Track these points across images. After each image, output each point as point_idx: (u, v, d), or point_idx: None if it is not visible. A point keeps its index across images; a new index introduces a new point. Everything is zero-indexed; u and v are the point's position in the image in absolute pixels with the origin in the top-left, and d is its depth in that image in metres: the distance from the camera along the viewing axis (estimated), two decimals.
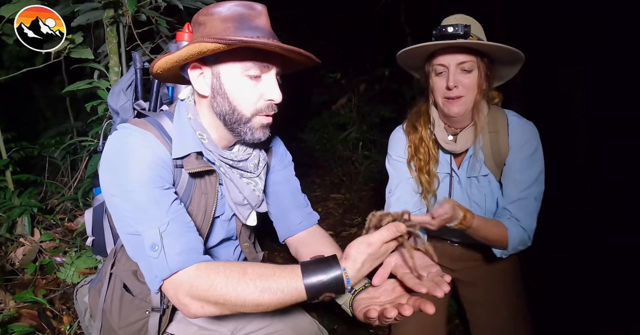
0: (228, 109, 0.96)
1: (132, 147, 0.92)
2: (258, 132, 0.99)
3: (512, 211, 1.26)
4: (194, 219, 1.01)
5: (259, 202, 1.11)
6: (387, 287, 0.94)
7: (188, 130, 1.00)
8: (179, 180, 1.00)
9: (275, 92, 0.96)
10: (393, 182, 1.44)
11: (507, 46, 1.17)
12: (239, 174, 1.07)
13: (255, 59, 0.93)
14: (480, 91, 1.24)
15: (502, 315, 1.43)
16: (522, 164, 1.26)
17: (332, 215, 3.43)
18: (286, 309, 1.26)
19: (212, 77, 0.96)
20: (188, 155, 0.97)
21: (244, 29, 0.90)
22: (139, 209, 0.88)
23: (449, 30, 1.19)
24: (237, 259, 1.25)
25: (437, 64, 1.24)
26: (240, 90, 0.95)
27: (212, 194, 1.04)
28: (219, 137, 1.03)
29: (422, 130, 1.37)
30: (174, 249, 0.86)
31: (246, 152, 1.08)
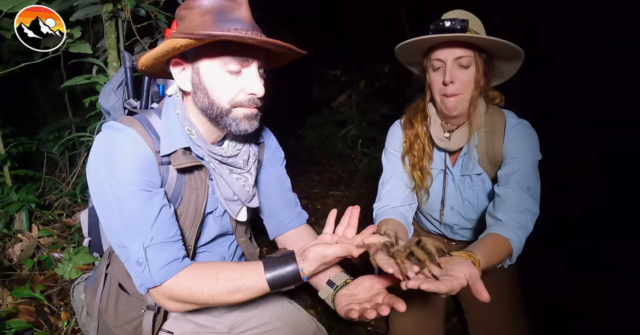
0: (207, 104, 0.95)
1: (117, 152, 0.92)
2: (243, 123, 0.97)
3: (504, 198, 1.18)
4: (185, 215, 1.03)
5: (249, 198, 1.09)
6: (365, 284, 1.01)
7: (176, 126, 0.99)
8: (167, 177, 0.99)
9: (256, 86, 0.95)
10: (386, 175, 1.43)
11: (505, 41, 1.15)
12: (228, 169, 1.06)
13: (233, 53, 0.91)
14: (478, 88, 1.24)
15: (499, 314, 1.43)
16: (515, 155, 1.24)
17: None
18: (285, 307, 1.26)
19: (192, 72, 0.95)
20: (175, 151, 0.97)
21: (223, 21, 0.88)
22: (124, 222, 0.91)
23: (447, 25, 1.18)
24: (232, 254, 1.24)
25: (435, 59, 1.24)
26: (218, 85, 0.94)
27: (203, 190, 1.04)
28: (206, 131, 1.02)
29: (419, 126, 1.37)
30: (157, 264, 0.91)
31: (236, 147, 1.07)
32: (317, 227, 3.04)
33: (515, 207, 1.16)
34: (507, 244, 1.11)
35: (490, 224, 1.18)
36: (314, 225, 3.07)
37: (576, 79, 4.22)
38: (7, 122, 2.35)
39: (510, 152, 1.25)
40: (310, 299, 2.18)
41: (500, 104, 1.36)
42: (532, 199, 1.19)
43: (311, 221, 3.15)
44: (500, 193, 1.21)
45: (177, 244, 0.96)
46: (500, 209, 1.17)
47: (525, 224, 1.15)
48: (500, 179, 1.25)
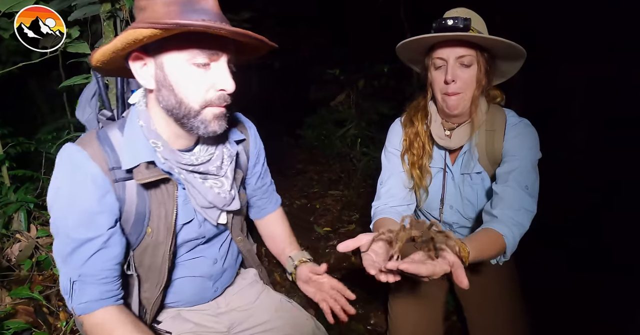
0: (174, 103, 0.88)
1: (68, 184, 0.90)
2: (212, 124, 0.92)
3: (502, 195, 1.18)
4: (157, 232, 0.99)
5: (227, 202, 1.05)
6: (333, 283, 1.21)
7: (140, 139, 0.94)
8: (125, 195, 0.94)
9: (227, 81, 0.89)
10: (385, 174, 1.44)
11: (507, 40, 1.15)
12: (201, 177, 1.00)
13: (201, 46, 0.85)
14: (479, 87, 1.23)
15: (498, 313, 1.43)
16: (515, 154, 1.24)
17: (330, 211, 3.42)
18: (284, 306, 1.26)
19: (155, 67, 0.88)
20: (137, 165, 0.92)
21: (189, 12, 0.82)
22: (60, 254, 0.93)
23: (449, 23, 1.17)
24: (224, 255, 1.22)
25: (436, 58, 1.23)
26: (186, 81, 0.87)
27: (171, 203, 0.99)
28: (174, 137, 0.97)
29: (419, 125, 1.37)
30: (79, 298, 0.92)
31: (208, 152, 1.02)
32: (316, 227, 3.04)
33: (512, 204, 1.16)
34: (500, 239, 1.10)
35: (486, 220, 1.18)
36: (313, 225, 3.07)
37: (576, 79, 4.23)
38: (6, 122, 2.34)
39: (510, 150, 1.25)
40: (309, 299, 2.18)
41: (501, 103, 1.36)
42: (530, 197, 1.19)
43: (310, 221, 3.16)
44: (498, 191, 1.20)
45: (106, 286, 0.94)
46: (497, 207, 1.17)
47: (521, 221, 1.14)
48: (499, 177, 1.25)
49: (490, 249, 1.10)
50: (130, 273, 1.02)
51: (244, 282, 1.33)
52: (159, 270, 1.03)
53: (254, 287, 1.32)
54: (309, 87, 5.77)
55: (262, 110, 6.32)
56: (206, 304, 1.23)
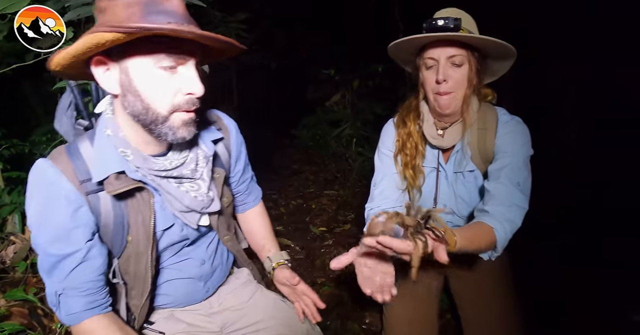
0: (141, 109, 0.85)
1: (40, 201, 0.90)
2: (181, 130, 0.89)
3: (493, 192, 1.19)
4: (137, 241, 0.98)
5: (206, 205, 1.03)
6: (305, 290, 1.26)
7: (108, 149, 0.91)
8: (100, 206, 0.93)
9: (195, 84, 0.86)
10: (378, 176, 1.44)
11: (498, 40, 1.16)
12: (176, 182, 0.98)
13: (168, 50, 0.81)
14: (471, 86, 1.24)
15: (492, 310, 1.44)
16: (507, 150, 1.24)
17: (326, 211, 3.43)
18: (277, 306, 1.27)
19: (119, 72, 0.84)
20: (107, 177, 0.90)
21: (153, 13, 0.78)
22: (42, 268, 0.93)
23: (439, 23, 1.17)
24: (212, 255, 1.21)
25: (428, 58, 1.24)
26: (153, 86, 0.84)
27: (147, 211, 0.97)
28: (144, 143, 0.93)
29: (411, 125, 1.37)
30: (66, 310, 0.94)
31: (181, 155, 0.99)
32: (312, 227, 3.05)
33: (504, 201, 1.16)
34: (490, 232, 1.10)
35: (478, 216, 1.19)
36: (309, 225, 3.08)
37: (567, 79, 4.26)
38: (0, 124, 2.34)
39: (502, 147, 1.26)
40: None
41: (493, 101, 1.36)
42: (522, 194, 1.19)
43: (306, 221, 3.17)
44: (490, 188, 1.21)
45: (91, 297, 0.94)
46: (489, 203, 1.17)
47: (512, 218, 1.14)
48: (491, 174, 1.25)
49: (480, 240, 1.09)
50: (117, 281, 1.02)
51: (237, 282, 1.32)
52: (143, 278, 1.03)
53: (248, 287, 1.32)
54: (306, 88, 5.78)
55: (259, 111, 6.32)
56: (199, 304, 1.23)
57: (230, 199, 1.20)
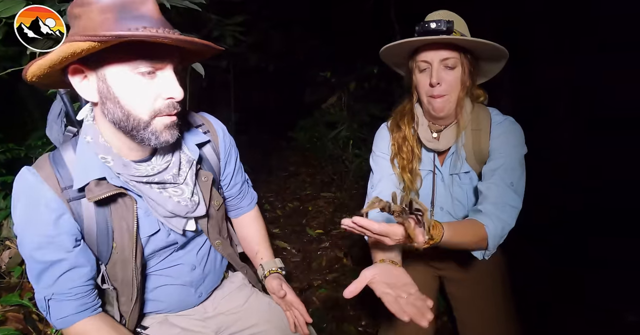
0: (121, 116, 0.85)
1: (24, 208, 0.91)
2: (164, 134, 0.88)
3: (486, 193, 1.20)
4: (122, 247, 0.98)
5: (190, 209, 1.02)
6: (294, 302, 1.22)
7: (89, 156, 0.91)
8: (82, 212, 0.93)
9: (174, 88, 0.85)
10: (375, 178, 1.44)
11: (490, 42, 1.16)
12: (159, 188, 0.97)
13: (145, 55, 0.81)
14: (464, 88, 1.24)
15: (488, 312, 1.44)
16: (501, 151, 1.25)
17: (323, 213, 3.43)
18: (272, 309, 1.27)
19: (97, 80, 0.83)
20: (88, 183, 0.89)
21: (128, 19, 0.77)
22: (30, 274, 0.94)
23: (432, 26, 1.17)
24: (203, 260, 1.20)
25: (421, 61, 1.24)
26: (132, 92, 0.83)
27: (130, 217, 0.96)
28: (127, 149, 0.93)
29: (406, 129, 1.37)
30: (56, 314, 0.95)
31: (164, 160, 0.98)
32: (308, 229, 3.05)
33: (497, 201, 1.17)
34: (481, 229, 1.11)
35: (471, 215, 1.20)
36: (306, 227, 3.08)
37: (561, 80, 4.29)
38: None
39: (496, 148, 1.26)
40: None
41: (485, 102, 1.37)
42: (515, 194, 1.20)
43: (302, 223, 3.17)
44: (483, 188, 1.21)
45: (80, 301, 0.95)
46: (482, 203, 1.18)
47: (504, 217, 1.15)
48: (485, 175, 1.26)
49: (468, 234, 1.10)
50: (106, 287, 1.02)
51: (232, 286, 1.32)
52: (130, 284, 1.02)
53: (243, 291, 1.31)
54: (303, 90, 5.78)
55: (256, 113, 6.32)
56: (193, 308, 1.23)
57: (220, 202, 1.19)
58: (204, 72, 2.10)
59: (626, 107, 3.78)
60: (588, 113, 4.17)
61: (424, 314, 0.86)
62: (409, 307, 0.89)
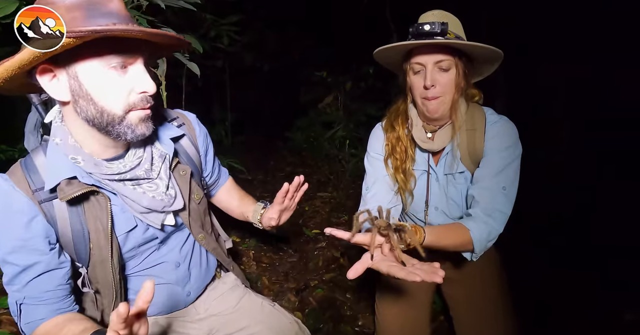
0: (95, 112, 0.85)
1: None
2: (139, 127, 0.90)
3: (477, 198, 1.22)
4: (99, 248, 0.97)
5: (167, 204, 1.02)
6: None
7: (59, 156, 0.91)
8: (55, 214, 0.93)
9: (147, 82, 0.87)
10: (370, 179, 1.44)
11: (485, 45, 1.16)
12: (132, 184, 0.97)
13: (116, 50, 0.82)
14: (458, 90, 1.24)
15: (484, 312, 1.45)
16: (494, 154, 1.25)
17: (319, 213, 3.43)
18: (265, 310, 1.26)
19: (68, 78, 0.83)
20: (59, 183, 0.89)
21: (96, 16, 0.78)
22: (5, 277, 0.93)
23: (426, 29, 1.16)
24: (187, 256, 1.18)
25: (415, 63, 1.23)
26: (105, 88, 0.84)
27: (104, 215, 0.96)
28: (102, 147, 0.94)
29: (400, 129, 1.37)
30: (25, 319, 0.95)
31: (136, 156, 0.98)
32: (305, 229, 3.05)
33: (487, 206, 1.20)
34: (466, 233, 1.15)
35: (461, 220, 1.23)
36: (303, 227, 3.08)
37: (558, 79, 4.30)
38: None
39: (490, 150, 1.26)
40: (297, 301, 2.18)
41: (480, 101, 1.36)
42: (506, 198, 1.21)
43: (299, 223, 3.16)
44: (475, 193, 1.23)
45: (53, 306, 0.95)
46: (473, 207, 1.22)
47: (493, 223, 1.18)
48: (477, 178, 1.27)
49: (451, 237, 1.16)
50: (87, 290, 1.01)
51: (224, 287, 1.31)
52: (110, 284, 1.02)
53: (235, 292, 1.30)
54: (299, 90, 5.78)
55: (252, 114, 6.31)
56: (184, 310, 1.22)
57: (201, 196, 1.18)
58: (200, 71, 2.09)
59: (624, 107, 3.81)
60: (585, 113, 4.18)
61: (434, 272, 0.88)
62: (417, 271, 0.90)
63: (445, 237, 1.15)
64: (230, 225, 1.47)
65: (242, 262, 2.51)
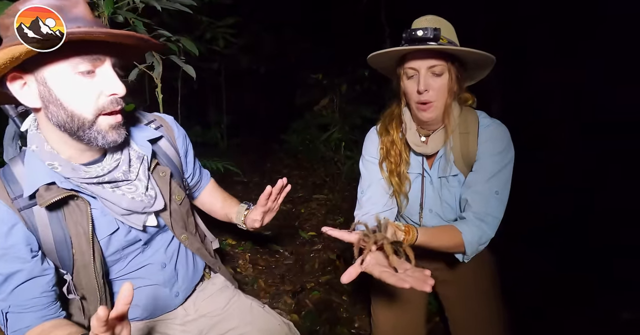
0: (65, 117, 0.85)
1: None
2: (110, 134, 0.90)
3: (470, 202, 1.25)
4: (81, 253, 0.97)
5: (147, 205, 1.02)
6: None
7: (36, 163, 0.91)
8: (35, 221, 0.92)
9: (116, 84, 0.87)
10: (365, 183, 1.45)
11: (477, 50, 1.18)
12: (111, 186, 0.98)
13: (83, 53, 0.82)
14: (451, 94, 1.26)
15: (479, 313, 1.46)
16: (487, 159, 1.27)
17: (315, 216, 3.43)
18: (254, 312, 1.26)
19: (37, 85, 0.84)
20: (37, 190, 0.89)
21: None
22: None
23: (419, 34, 1.18)
24: (172, 257, 1.18)
25: (408, 68, 1.24)
26: (74, 92, 0.84)
27: (85, 220, 0.96)
28: (78, 151, 0.94)
29: (394, 133, 1.38)
30: (12, 327, 0.94)
31: (114, 158, 0.99)
32: (301, 231, 3.05)
33: (480, 211, 1.23)
34: (458, 235, 1.20)
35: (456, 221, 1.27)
36: (298, 229, 3.08)
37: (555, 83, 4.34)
38: None
39: (482, 154, 1.28)
40: (294, 304, 2.18)
41: (473, 105, 1.38)
42: (499, 202, 1.24)
43: (295, 226, 3.16)
44: (468, 197, 1.26)
45: (38, 313, 0.95)
46: (466, 211, 1.26)
47: (485, 228, 1.22)
48: (470, 183, 1.29)
49: (443, 238, 1.20)
50: (72, 297, 1.01)
51: (214, 288, 1.31)
52: (95, 289, 1.01)
53: (224, 293, 1.30)
54: (295, 92, 5.79)
55: (248, 116, 6.31)
56: (173, 312, 1.21)
57: (182, 196, 1.18)
58: (195, 74, 2.10)
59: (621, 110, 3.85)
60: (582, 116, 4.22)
61: (424, 280, 0.88)
62: (408, 278, 0.91)
63: (437, 238, 1.20)
64: (226, 228, 1.47)
65: (238, 264, 2.51)
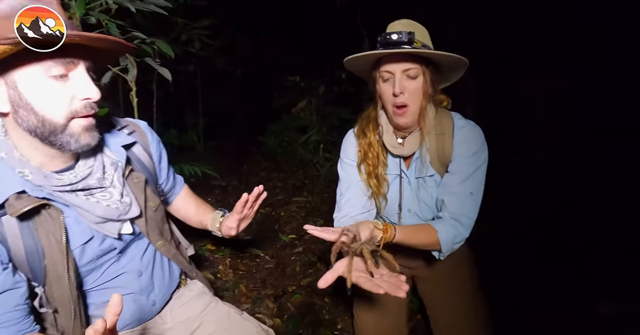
0: (36, 122, 0.83)
1: None
2: (83, 137, 0.88)
3: (446, 203, 1.29)
4: (53, 265, 0.93)
5: (123, 212, 1.00)
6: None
7: (5, 171, 0.87)
8: (6, 233, 0.88)
9: (90, 89, 0.85)
10: (344, 185, 1.46)
11: (450, 53, 1.20)
12: (85, 194, 0.95)
13: (55, 56, 0.80)
14: (426, 97, 1.28)
15: (459, 310, 1.49)
16: (462, 160, 1.30)
17: (295, 218, 3.42)
18: (231, 318, 1.25)
19: (6, 88, 0.81)
20: (7, 199, 0.85)
21: None
22: None
23: (393, 38, 1.20)
24: (149, 264, 1.16)
25: (384, 71, 1.27)
26: (45, 97, 0.82)
27: (58, 229, 0.92)
28: (49, 158, 0.91)
29: (371, 135, 1.40)
30: None
31: (87, 165, 0.96)
32: (281, 234, 3.03)
33: (455, 211, 1.27)
34: (434, 234, 1.24)
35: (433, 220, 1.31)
36: (278, 232, 3.06)
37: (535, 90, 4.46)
38: None
39: (457, 156, 1.31)
40: (276, 308, 2.17)
41: (448, 106, 1.41)
42: (473, 203, 1.28)
43: (275, 229, 3.14)
44: (444, 198, 1.30)
45: (11, 328, 0.90)
46: (442, 211, 1.30)
47: (460, 228, 1.26)
48: (445, 184, 1.32)
49: (420, 237, 1.24)
50: (44, 311, 0.96)
51: (190, 294, 1.29)
52: (68, 301, 0.97)
53: (201, 299, 1.29)
54: (272, 94, 5.77)
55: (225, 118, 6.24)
56: (150, 321, 1.19)
57: (157, 203, 1.16)
58: (171, 76, 2.06)
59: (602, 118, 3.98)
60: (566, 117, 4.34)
61: (399, 286, 0.91)
62: (383, 283, 0.93)
63: (414, 236, 1.24)
64: (205, 234, 1.45)
65: (219, 270, 2.48)
